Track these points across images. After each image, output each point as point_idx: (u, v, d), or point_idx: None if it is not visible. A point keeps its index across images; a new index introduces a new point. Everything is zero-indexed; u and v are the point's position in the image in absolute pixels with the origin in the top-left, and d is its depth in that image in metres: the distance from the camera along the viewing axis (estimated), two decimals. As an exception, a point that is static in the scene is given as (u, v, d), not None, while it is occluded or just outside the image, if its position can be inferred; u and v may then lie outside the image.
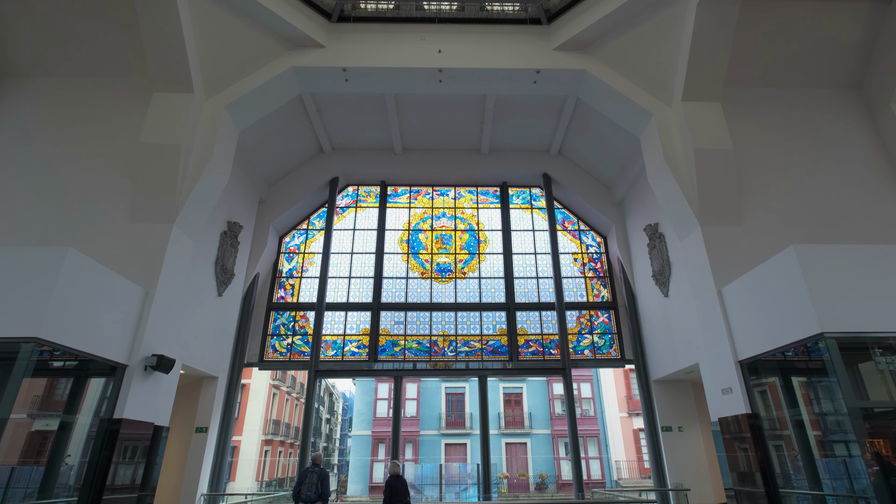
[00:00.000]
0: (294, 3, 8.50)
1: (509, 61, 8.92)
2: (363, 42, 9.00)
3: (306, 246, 11.60)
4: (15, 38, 8.28)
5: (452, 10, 9.19)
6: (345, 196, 12.13)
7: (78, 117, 8.16)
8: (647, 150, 8.70)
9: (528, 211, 12.06)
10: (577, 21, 8.65)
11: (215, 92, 8.31)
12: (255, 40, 8.46)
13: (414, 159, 11.78)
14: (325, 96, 10.04)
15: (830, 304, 5.36)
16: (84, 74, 8.54)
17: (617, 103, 8.93)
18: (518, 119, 10.80)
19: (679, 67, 8.13)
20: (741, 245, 7.44)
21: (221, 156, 8.06)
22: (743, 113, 8.62)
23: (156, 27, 7.33)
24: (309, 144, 11.32)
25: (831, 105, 8.90)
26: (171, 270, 7.14)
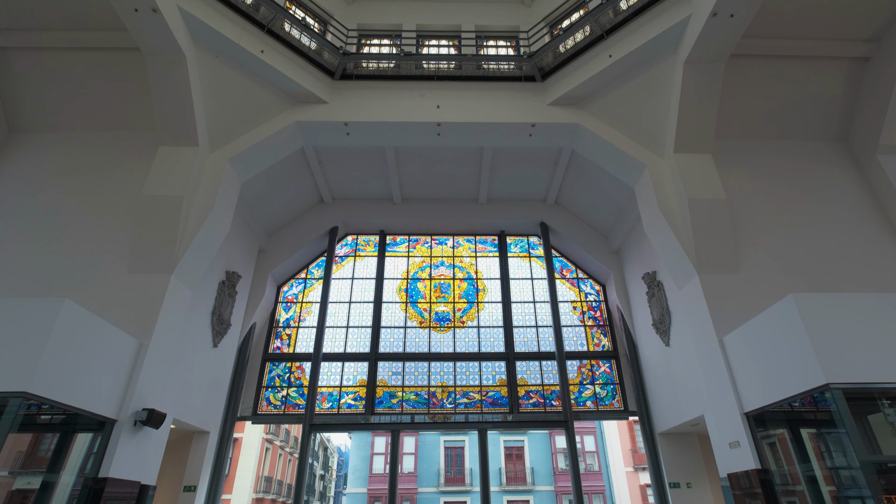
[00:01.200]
0: (299, 62, 8.89)
1: (505, 116, 9.23)
2: (364, 98, 9.34)
3: (304, 295, 11.55)
4: (28, 96, 8.60)
5: (450, 68, 9.60)
6: (344, 245, 12.20)
7: (83, 170, 8.34)
8: (641, 200, 8.86)
9: (526, 259, 12.12)
10: (569, 79, 9.04)
11: (220, 145, 8.53)
12: (261, 96, 8.79)
13: (413, 209, 11.95)
14: (327, 149, 10.30)
15: (834, 353, 5.29)
16: (91, 129, 8.80)
17: (610, 155, 9.18)
18: (515, 170, 11.05)
19: (669, 121, 8.42)
20: (740, 293, 7.44)
21: (223, 207, 8.18)
22: (734, 164, 8.86)
23: (166, 85, 7.63)
24: (310, 195, 11.51)
25: (819, 156, 9.16)
26: (166, 321, 7.08)
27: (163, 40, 7.30)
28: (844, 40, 8.54)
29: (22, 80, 8.51)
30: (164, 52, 7.46)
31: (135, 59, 8.43)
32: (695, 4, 7.58)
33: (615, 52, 8.50)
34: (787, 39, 8.51)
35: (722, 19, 7.16)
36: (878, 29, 8.38)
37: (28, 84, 8.54)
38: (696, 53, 7.70)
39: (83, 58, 8.46)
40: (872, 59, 8.69)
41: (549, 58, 9.30)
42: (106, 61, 8.50)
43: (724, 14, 7.10)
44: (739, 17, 7.15)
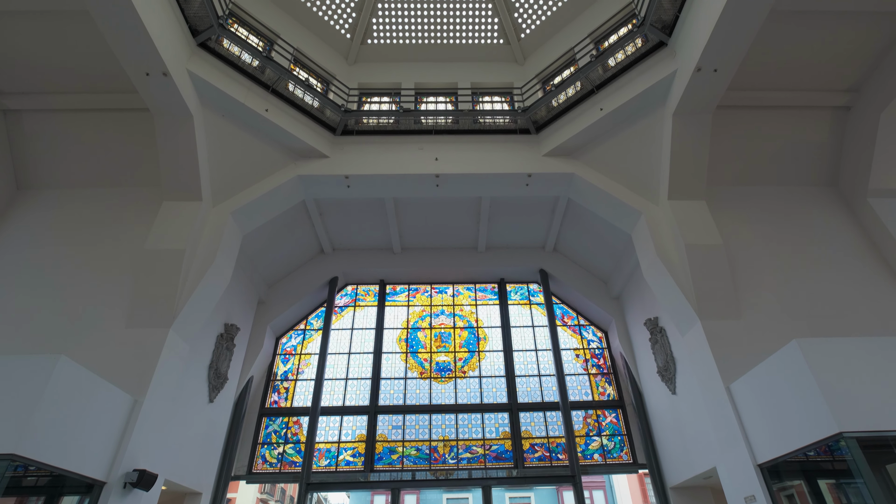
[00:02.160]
0: (302, 119, 9.21)
1: (502, 167, 9.46)
2: (365, 152, 9.61)
3: (303, 347, 11.40)
4: (38, 154, 8.84)
5: (447, 122, 9.94)
6: (344, 295, 12.17)
7: (86, 225, 8.46)
8: (639, 246, 8.93)
9: (526, 307, 12.05)
10: (563, 131, 9.34)
11: (223, 199, 8.69)
12: (264, 152, 9.04)
13: (412, 258, 12.01)
14: (328, 201, 10.48)
15: (845, 400, 5.18)
16: (96, 185, 8.99)
17: (606, 203, 9.33)
18: (513, 218, 11.20)
19: (662, 170, 8.63)
20: (743, 339, 7.36)
21: (224, 260, 8.23)
22: (728, 210, 8.99)
23: (172, 143, 7.88)
24: (310, 246, 11.59)
25: (812, 200, 9.32)
26: (162, 377, 6.95)
27: (172, 101, 7.60)
28: (825, 91, 8.89)
29: (33, 140, 8.78)
30: (173, 112, 7.75)
31: (142, 119, 8.74)
32: (679, 60, 7.95)
33: (606, 105, 8.83)
34: (770, 91, 8.86)
35: (706, 74, 7.49)
36: (856, 80, 8.75)
37: (39, 143, 8.80)
38: (683, 105, 8.00)
39: (93, 118, 8.76)
40: (854, 107, 9.01)
41: (543, 111, 9.64)
42: (114, 121, 8.81)
43: (707, 69, 7.43)
44: (722, 71, 7.48)
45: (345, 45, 11.28)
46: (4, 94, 8.44)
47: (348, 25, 11.10)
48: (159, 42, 6.97)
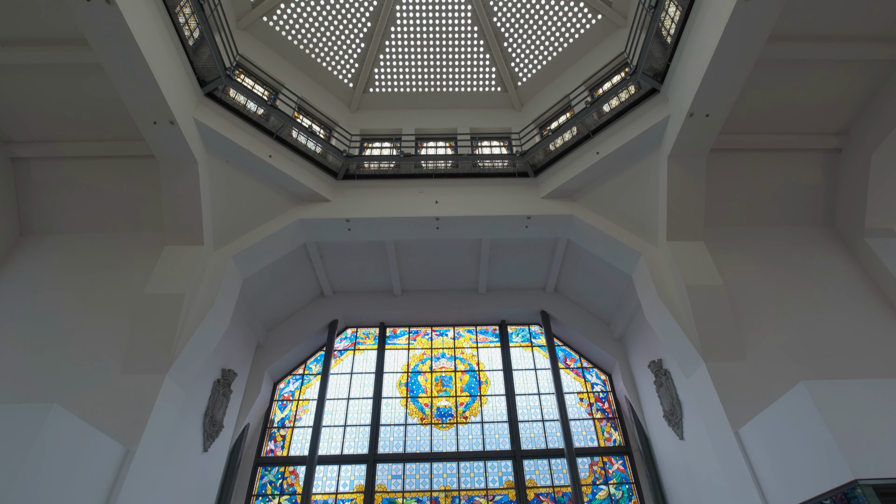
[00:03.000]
0: (305, 165, 9.39)
1: (501, 209, 9.57)
2: (366, 195, 9.75)
3: (301, 392, 11.17)
4: (43, 201, 8.97)
5: (447, 166, 10.13)
6: (343, 339, 12.04)
7: (86, 270, 8.46)
8: (640, 287, 8.91)
9: (528, 349, 11.89)
10: (560, 174, 9.51)
11: (224, 243, 8.75)
12: (266, 197, 9.17)
13: (413, 300, 11.95)
14: (329, 244, 10.55)
15: (859, 446, 5.02)
16: (98, 230, 9.05)
17: (605, 244, 9.39)
18: (513, 260, 11.23)
19: (660, 211, 8.72)
20: (749, 381, 7.22)
21: (223, 304, 8.19)
22: (728, 250, 9.02)
23: (177, 189, 8.01)
24: (310, 289, 11.57)
25: (810, 240, 9.36)
26: (157, 425, 6.78)
27: (177, 149, 7.78)
28: (816, 134, 9.10)
29: (40, 187, 8.92)
30: (178, 158, 7.92)
31: (146, 165, 8.91)
32: (672, 106, 8.19)
33: (602, 149, 9.03)
34: (761, 135, 9.07)
35: (698, 119, 7.70)
36: (844, 123, 8.98)
37: (45, 190, 8.94)
38: (678, 149, 8.18)
39: (98, 164, 8.94)
40: (844, 149, 9.20)
41: (541, 155, 9.85)
42: (119, 167, 8.97)
43: (699, 114, 7.64)
44: (714, 116, 7.69)
45: (347, 93, 11.65)
46: (14, 143, 8.65)
47: (351, 75, 11.51)
48: (168, 93, 7.21)
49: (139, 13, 6.66)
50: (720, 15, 6.66)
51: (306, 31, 10.75)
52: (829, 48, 7.90)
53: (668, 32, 7.96)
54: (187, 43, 7.77)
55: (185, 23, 7.74)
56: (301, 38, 10.80)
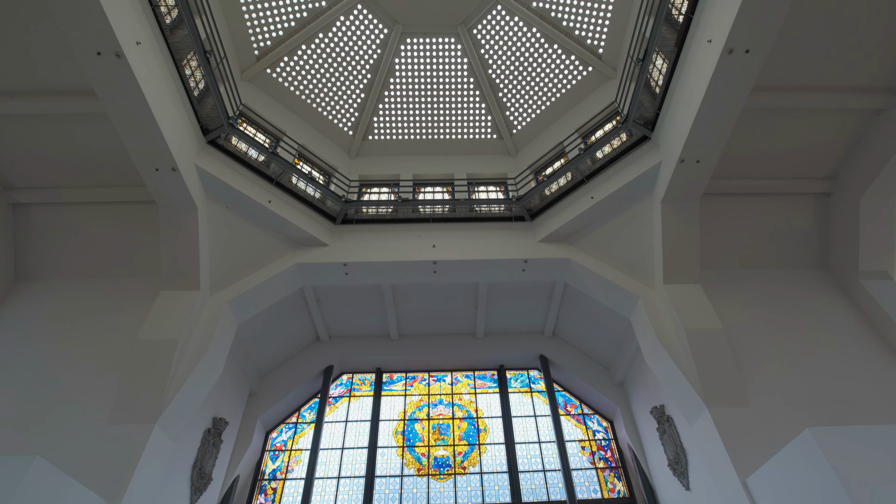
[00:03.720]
0: (304, 210, 9.50)
1: (498, 253, 9.62)
2: (363, 240, 9.81)
3: (294, 442, 10.81)
4: (40, 246, 8.98)
5: (445, 211, 10.26)
6: (338, 385, 11.78)
7: (79, 316, 8.36)
8: (638, 330, 8.85)
9: (527, 395, 11.65)
10: (556, 218, 9.63)
11: (221, 288, 8.71)
12: (264, 241, 9.21)
13: (410, 345, 11.80)
14: (325, 288, 10.51)
15: (869, 495, 4.85)
16: (94, 275, 9.00)
17: (602, 288, 9.38)
18: (511, 303, 11.18)
19: (655, 254, 8.78)
20: (754, 428, 7.05)
21: (217, 351, 8.06)
22: (725, 293, 9.02)
23: (175, 234, 8.05)
24: (306, 333, 11.43)
25: (806, 283, 9.39)
26: (142, 478, 6.51)
27: (178, 195, 7.88)
28: (804, 179, 9.31)
29: (38, 232, 8.95)
30: (178, 204, 8.01)
31: (145, 210, 8.98)
32: (663, 152, 8.41)
33: (596, 193, 9.19)
34: (753, 179, 9.27)
35: (689, 165, 7.89)
36: (832, 168, 9.20)
37: (43, 235, 8.97)
38: (671, 193, 8.33)
39: (97, 210, 9.01)
40: (833, 193, 9.39)
41: (537, 200, 10.01)
42: (117, 213, 9.04)
43: (690, 160, 7.84)
44: (704, 162, 7.89)
45: (347, 140, 11.94)
46: (16, 189, 8.75)
47: (351, 123, 11.84)
48: (171, 141, 7.38)
49: (147, 66, 6.91)
50: (705, 67, 6.96)
51: (308, 83, 11.15)
52: (811, 98, 8.21)
53: (656, 83, 8.28)
54: (192, 93, 8.02)
55: (192, 74, 8.02)
56: (303, 89, 11.18)
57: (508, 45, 11.15)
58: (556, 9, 10.48)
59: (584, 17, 10.44)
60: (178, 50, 7.63)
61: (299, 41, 10.63)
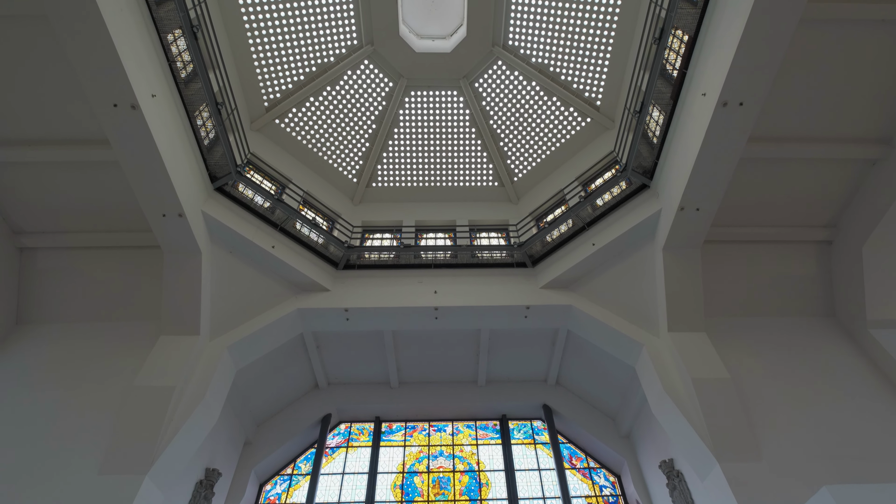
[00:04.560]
0: (306, 255, 9.56)
1: (500, 299, 9.57)
2: (365, 285, 9.80)
3: (288, 495, 10.39)
4: (43, 290, 9.01)
5: (446, 257, 10.30)
6: (336, 434, 11.44)
7: (77, 361, 8.28)
8: (644, 380, 8.66)
9: (531, 447, 11.26)
10: (558, 265, 9.64)
11: (220, 333, 8.65)
12: (266, 286, 9.22)
13: (410, 393, 11.55)
14: (326, 333, 10.42)
15: (893, 561, 4.58)
16: (94, 319, 8.99)
17: (606, 335, 9.26)
18: (513, 350, 11.01)
19: (659, 301, 8.72)
20: (768, 484, 6.75)
21: (214, 398, 7.91)
22: (731, 342, 8.87)
23: (178, 279, 8.09)
24: (304, 380, 11.23)
25: (813, 331, 9.24)
26: (129, 534, 6.24)
27: (183, 240, 7.98)
28: (805, 226, 9.36)
29: (43, 276, 9.01)
30: (182, 249, 8.09)
31: (148, 254, 9.05)
32: (663, 200, 8.52)
33: (598, 240, 9.24)
34: (753, 227, 9.32)
35: (689, 213, 7.97)
36: (832, 216, 9.27)
37: (46, 279, 9.01)
38: (672, 241, 8.37)
39: (101, 254, 9.11)
40: (835, 241, 9.41)
41: (538, 246, 10.05)
42: (121, 257, 9.14)
43: (690, 208, 7.92)
44: (704, 210, 7.96)
45: (351, 187, 12.17)
46: (24, 234, 8.88)
47: (355, 171, 12.10)
48: (180, 188, 7.54)
49: (161, 117, 7.16)
50: (701, 119, 7.16)
51: (315, 132, 11.49)
52: (807, 148, 8.39)
53: (653, 133, 8.50)
54: (202, 142, 8.27)
55: (203, 124, 8.29)
56: (310, 138, 11.51)
57: (509, 98, 11.54)
58: (554, 63, 10.92)
59: (582, 72, 10.85)
60: (192, 102, 7.92)
61: (308, 93, 11.04)
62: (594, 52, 10.54)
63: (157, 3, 7.03)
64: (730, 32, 6.42)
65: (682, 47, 7.49)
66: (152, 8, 6.99)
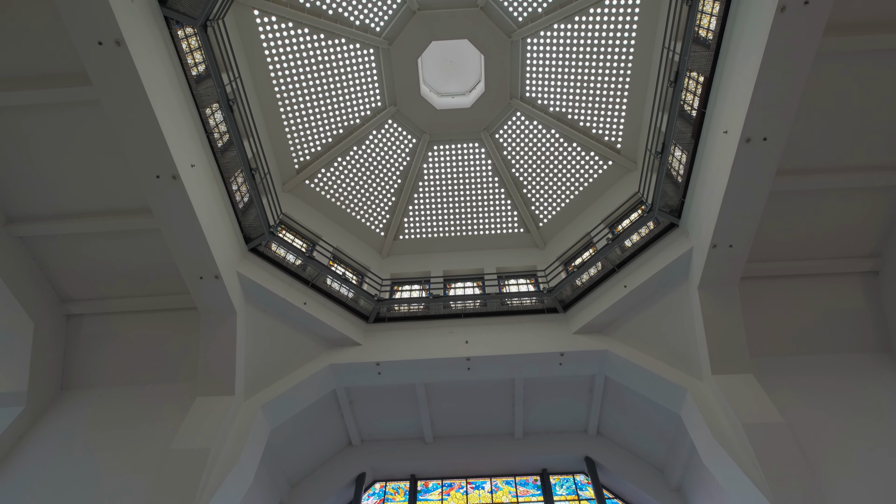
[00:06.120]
0: (337, 310, 9.67)
1: (533, 347, 9.38)
2: (396, 338, 9.79)
3: (325, 561, 10.01)
4: (87, 355, 9.31)
5: (476, 306, 10.25)
6: (371, 495, 11.10)
7: (116, 425, 8.43)
8: (691, 428, 8.21)
9: (575, 503, 10.65)
10: (590, 309, 9.46)
11: (254, 392, 8.70)
12: (299, 342, 9.32)
13: (445, 448, 11.20)
14: (358, 389, 10.34)
15: None
16: (133, 382, 9.21)
17: (645, 380, 8.91)
18: (549, 400, 10.66)
19: (699, 343, 8.39)
20: (842, 541, 6.18)
21: (248, 460, 7.86)
22: (781, 383, 8.38)
23: (214, 339, 8.27)
24: (338, 437, 11.06)
25: (868, 368, 8.67)
26: None
27: (219, 301, 8.21)
28: (847, 258, 9.00)
29: (86, 342, 9.34)
30: (218, 309, 8.32)
31: (184, 316, 9.32)
32: (693, 239, 8.37)
33: (629, 282, 9.07)
34: (792, 261, 9.02)
35: (722, 250, 7.79)
36: (875, 246, 8.90)
37: (89, 345, 9.34)
38: (707, 279, 8.16)
39: (141, 318, 9.44)
40: (881, 272, 8.99)
41: (568, 291, 9.92)
42: (159, 320, 9.45)
43: (723, 245, 7.75)
44: (738, 246, 7.78)
45: (379, 241, 12.41)
46: (72, 301, 9.30)
47: (382, 225, 12.38)
48: (216, 251, 7.85)
49: (199, 185, 7.58)
50: (725, 156, 7.13)
51: (343, 190, 11.90)
52: (840, 178, 8.19)
53: (677, 172, 8.48)
54: (237, 206, 8.66)
55: (237, 189, 8.71)
56: (338, 196, 11.92)
57: (530, 146, 11.78)
58: (572, 111, 11.17)
59: (600, 116, 11.05)
60: (227, 169, 8.37)
61: (335, 154, 11.52)
62: (611, 97, 10.77)
63: (196, 82, 7.60)
64: (745, 71, 6.49)
65: (698, 88, 7.59)
66: (192, 86, 7.55)
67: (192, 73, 7.47)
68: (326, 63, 10.41)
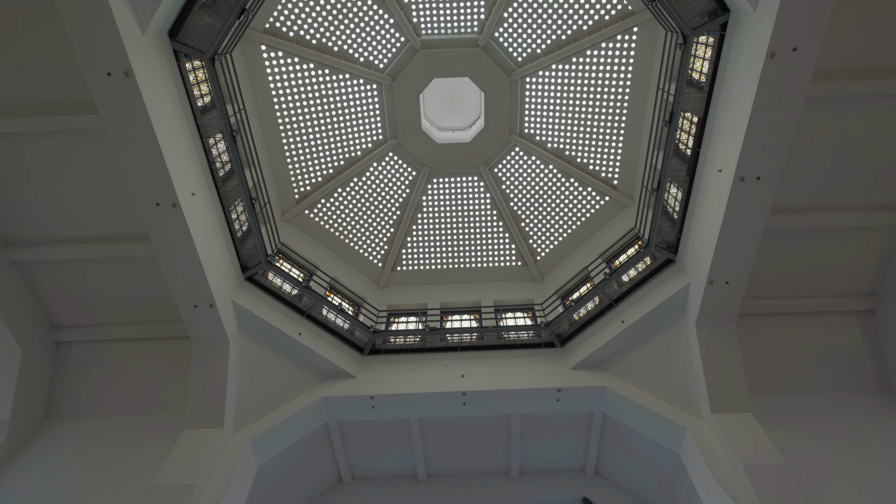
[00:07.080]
0: (332, 341, 9.55)
1: (530, 382, 9.24)
2: (391, 371, 9.63)
3: None
4: (74, 384, 9.09)
5: (472, 339, 10.15)
6: (362, 536, 10.68)
7: (100, 459, 8.14)
8: (691, 468, 8.03)
9: (573, 548, 10.28)
10: (587, 344, 9.39)
11: (244, 425, 8.48)
12: (292, 374, 9.15)
13: (438, 487, 10.86)
14: (350, 423, 10.10)
15: None
16: (119, 414, 8.93)
17: (644, 418, 8.76)
18: (546, 438, 10.43)
19: (698, 380, 8.31)
20: (850, 591, 5.96)
21: (235, 496, 7.59)
22: (781, 423, 8.23)
23: (205, 370, 8.11)
24: (328, 474, 10.72)
25: (868, 409, 8.57)
26: None
27: (213, 330, 8.11)
28: (843, 296, 9.04)
29: (74, 370, 9.14)
30: (211, 339, 8.19)
31: (175, 345, 9.12)
32: (690, 275, 8.40)
33: (627, 317, 9.04)
34: (788, 298, 9.04)
35: (719, 287, 7.81)
36: (870, 284, 8.95)
37: (77, 373, 9.14)
38: (704, 316, 8.15)
39: (131, 346, 9.27)
40: (877, 311, 9.01)
41: (566, 325, 9.86)
42: (150, 349, 9.27)
43: (719, 282, 7.78)
44: (735, 283, 7.81)
45: (376, 272, 12.38)
46: (62, 328, 9.15)
47: (380, 256, 12.38)
48: (212, 280, 7.80)
49: (199, 213, 7.59)
50: (719, 194, 7.25)
51: (342, 221, 11.95)
52: (835, 217, 8.31)
53: (673, 209, 8.58)
54: (236, 235, 8.66)
55: (237, 218, 8.73)
56: (337, 226, 11.96)
57: (527, 181, 11.94)
58: (570, 147, 11.38)
59: (597, 153, 11.26)
60: (228, 198, 8.41)
61: (336, 185, 11.63)
62: (607, 135, 11.00)
63: (201, 112, 7.72)
64: (738, 112, 6.67)
65: (692, 128, 7.77)
66: (197, 116, 7.67)
67: (197, 104, 7.60)
68: (330, 97, 10.64)
